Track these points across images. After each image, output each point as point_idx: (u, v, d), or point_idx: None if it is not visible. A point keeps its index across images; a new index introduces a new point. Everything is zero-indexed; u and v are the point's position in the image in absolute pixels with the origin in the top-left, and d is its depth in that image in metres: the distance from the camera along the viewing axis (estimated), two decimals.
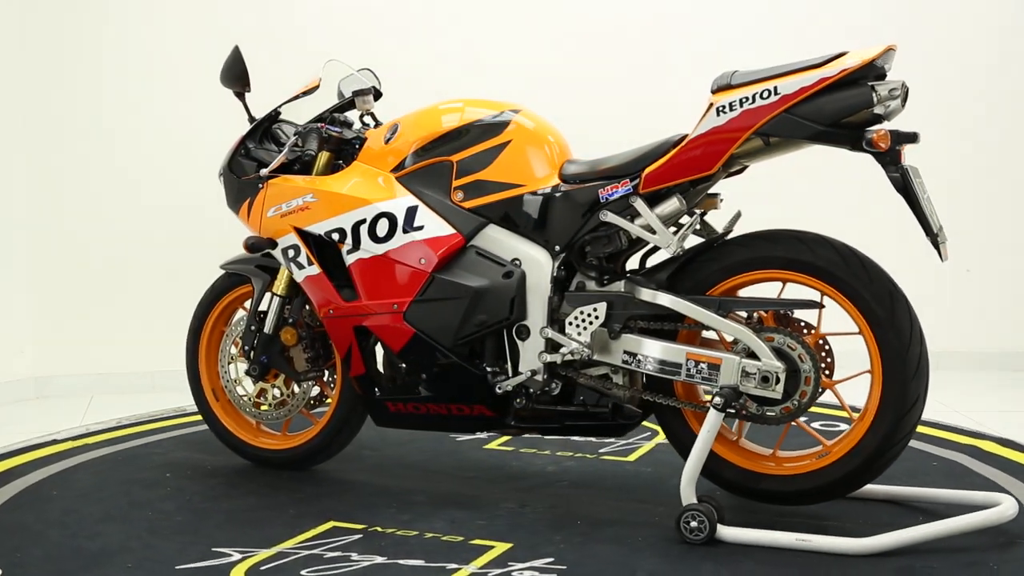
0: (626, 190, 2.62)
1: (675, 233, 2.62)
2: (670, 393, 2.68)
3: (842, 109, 2.40)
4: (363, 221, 2.82)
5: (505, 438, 3.49)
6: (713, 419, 2.51)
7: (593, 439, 3.41)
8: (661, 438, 3.46)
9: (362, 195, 2.85)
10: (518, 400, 2.74)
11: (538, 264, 2.70)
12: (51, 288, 4.49)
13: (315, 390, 3.17)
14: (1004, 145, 4.71)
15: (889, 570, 2.29)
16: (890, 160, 2.40)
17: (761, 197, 3.84)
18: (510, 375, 2.73)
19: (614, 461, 3.25)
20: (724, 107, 2.47)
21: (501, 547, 2.48)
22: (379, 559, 2.41)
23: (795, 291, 2.62)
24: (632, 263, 2.83)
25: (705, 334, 2.72)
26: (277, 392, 3.11)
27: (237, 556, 2.43)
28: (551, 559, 2.40)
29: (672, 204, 2.60)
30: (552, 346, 2.70)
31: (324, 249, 2.92)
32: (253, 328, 3.07)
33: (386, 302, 2.80)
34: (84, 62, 4.49)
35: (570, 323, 2.67)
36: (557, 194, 2.72)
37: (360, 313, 2.84)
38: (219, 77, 3.09)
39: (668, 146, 2.61)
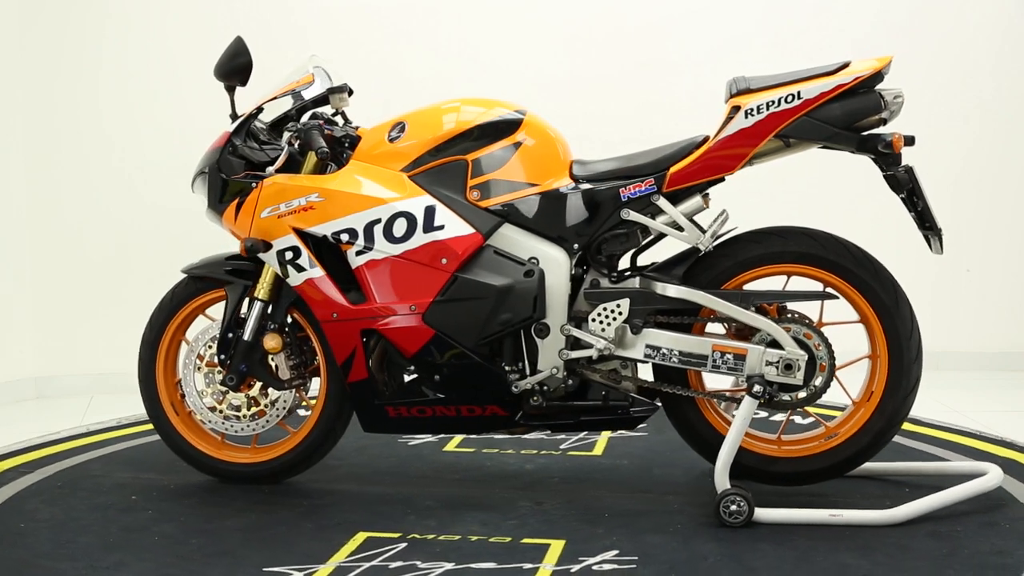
0: (649, 189, 2.73)
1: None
2: (685, 384, 2.81)
3: (855, 113, 2.62)
4: (377, 221, 2.76)
5: (459, 439, 3.49)
6: (747, 406, 2.65)
7: (546, 434, 3.48)
8: (609, 431, 3.51)
9: (376, 194, 2.78)
10: (534, 398, 2.77)
11: (556, 262, 2.75)
12: (51, 288, 4.49)
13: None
14: (1004, 146, 4.71)
15: (922, 535, 2.54)
16: (893, 161, 2.63)
17: (749, 197, 3.84)
18: (528, 373, 2.76)
19: (584, 456, 3.31)
20: (752, 110, 2.63)
21: (557, 544, 2.51)
22: (448, 565, 2.39)
23: (799, 284, 2.80)
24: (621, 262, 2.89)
25: (709, 327, 2.84)
26: (252, 403, 2.98)
27: (299, 575, 2.36)
28: (616, 551, 2.46)
29: (696, 202, 2.76)
30: (571, 343, 2.75)
31: (321, 251, 2.85)
32: (232, 336, 2.94)
33: (402, 304, 2.75)
34: (84, 65, 4.48)
35: (593, 319, 2.73)
36: (575, 193, 2.78)
37: (370, 316, 2.77)
38: (215, 68, 2.91)
39: (692, 146, 2.74)
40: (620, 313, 2.72)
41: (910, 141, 2.64)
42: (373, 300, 2.78)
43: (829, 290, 2.76)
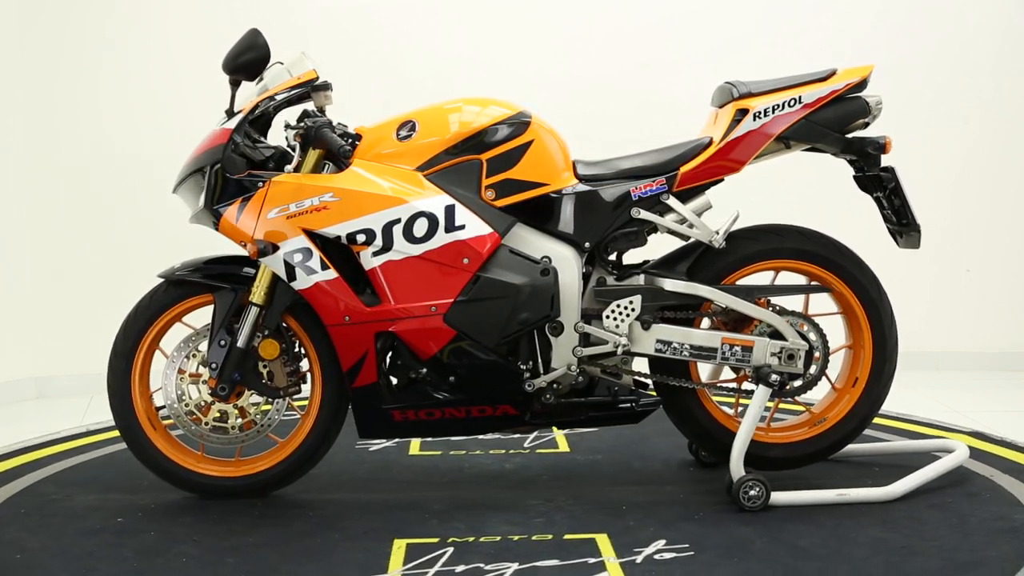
0: (660, 188, 2.83)
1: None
2: (688, 377, 2.91)
3: (846, 117, 2.83)
4: (397, 221, 2.71)
5: (417, 442, 3.45)
6: (761, 395, 2.79)
7: (511, 433, 3.47)
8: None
9: (395, 194, 2.73)
10: (546, 396, 2.80)
11: (568, 261, 2.80)
12: (51, 288, 4.48)
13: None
14: (1004, 146, 4.70)
15: (924, 507, 2.77)
16: (875, 162, 2.85)
17: (749, 197, 3.84)
18: (542, 372, 2.80)
19: (555, 453, 3.36)
20: (760, 112, 2.80)
21: (601, 538, 2.57)
22: (514, 565, 2.40)
23: (787, 278, 2.99)
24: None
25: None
26: (240, 413, 2.85)
27: None
28: (663, 540, 2.55)
29: (704, 200, 2.87)
30: (583, 340, 2.79)
31: (327, 252, 2.75)
32: (223, 343, 2.80)
33: (423, 304, 2.72)
34: (84, 65, 4.48)
35: (607, 316, 2.79)
36: (586, 192, 2.83)
37: (387, 318, 2.72)
38: (226, 60, 2.80)
39: (700, 147, 2.85)
40: (633, 309, 2.79)
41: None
42: (389, 302, 2.73)
43: (814, 283, 2.94)
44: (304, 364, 2.94)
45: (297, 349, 2.92)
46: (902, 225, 2.89)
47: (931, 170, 4.65)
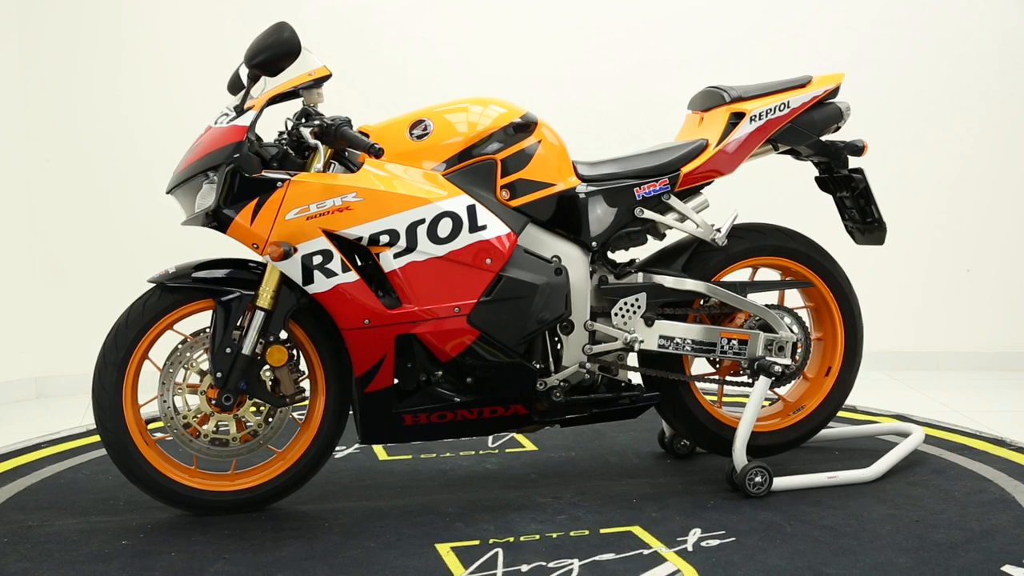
0: (663, 188, 2.90)
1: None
2: (682, 371, 2.98)
3: (824, 121, 2.99)
4: (421, 221, 2.66)
5: (380, 448, 3.40)
6: (762, 386, 2.90)
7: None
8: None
9: (419, 194, 2.68)
10: (556, 394, 2.82)
11: (576, 260, 2.86)
12: (51, 288, 4.49)
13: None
14: (1004, 146, 4.71)
15: (905, 485, 2.93)
16: (844, 163, 3.02)
17: (743, 197, 3.85)
18: (553, 370, 2.84)
19: (527, 452, 3.38)
20: (756, 116, 2.92)
21: (636, 530, 2.61)
22: (575, 561, 2.41)
23: (764, 274, 3.13)
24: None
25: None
26: (238, 424, 2.72)
27: None
28: (699, 529, 2.61)
29: (703, 200, 2.99)
30: (591, 338, 2.86)
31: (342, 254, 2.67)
32: (229, 350, 2.67)
33: (446, 305, 2.69)
34: (85, 65, 4.48)
35: (615, 314, 2.86)
36: (593, 192, 2.87)
37: (409, 320, 2.67)
38: (249, 53, 2.63)
39: (700, 148, 2.93)
40: (639, 307, 2.86)
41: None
42: (411, 304, 2.67)
43: (789, 279, 3.08)
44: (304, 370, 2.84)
45: (309, 356, 2.82)
46: (867, 224, 3.07)
47: (931, 170, 4.66)
